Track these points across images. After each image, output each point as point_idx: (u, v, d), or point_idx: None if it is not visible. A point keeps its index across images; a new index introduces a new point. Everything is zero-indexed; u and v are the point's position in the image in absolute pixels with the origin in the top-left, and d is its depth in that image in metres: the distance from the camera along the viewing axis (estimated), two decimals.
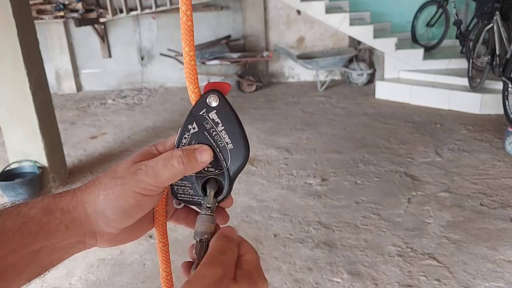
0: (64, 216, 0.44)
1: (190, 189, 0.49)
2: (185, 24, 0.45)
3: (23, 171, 3.40)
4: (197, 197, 0.49)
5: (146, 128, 4.83)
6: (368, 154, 3.80)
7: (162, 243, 0.51)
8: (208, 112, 0.47)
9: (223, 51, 5.87)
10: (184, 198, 0.49)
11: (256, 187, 3.34)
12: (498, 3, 4.32)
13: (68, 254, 0.46)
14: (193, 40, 0.46)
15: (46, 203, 0.44)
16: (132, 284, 2.40)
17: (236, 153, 0.47)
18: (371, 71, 5.80)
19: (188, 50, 0.46)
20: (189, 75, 0.47)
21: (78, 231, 0.45)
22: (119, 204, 0.44)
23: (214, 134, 0.47)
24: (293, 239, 2.70)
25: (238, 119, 0.48)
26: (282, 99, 5.59)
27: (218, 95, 0.47)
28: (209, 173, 0.48)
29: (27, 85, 3.20)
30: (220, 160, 0.48)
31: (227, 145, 0.47)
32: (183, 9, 0.45)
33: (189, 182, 0.49)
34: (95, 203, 0.44)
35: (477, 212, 2.86)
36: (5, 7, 3.04)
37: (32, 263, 0.42)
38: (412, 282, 2.29)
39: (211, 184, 0.48)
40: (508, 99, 4.09)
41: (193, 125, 0.48)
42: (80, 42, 6.41)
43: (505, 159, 3.56)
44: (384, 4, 6.05)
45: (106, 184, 0.45)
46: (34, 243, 0.42)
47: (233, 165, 0.48)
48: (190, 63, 0.46)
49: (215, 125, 0.47)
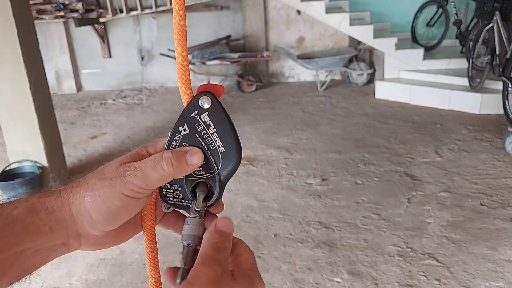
0: (49, 217, 0.42)
1: (179, 193, 0.47)
2: (177, 24, 0.44)
3: (23, 171, 3.40)
4: (187, 201, 0.47)
5: (146, 128, 4.83)
6: (368, 154, 3.80)
7: (151, 248, 0.49)
8: (200, 114, 0.46)
9: (223, 51, 5.87)
10: (173, 202, 0.48)
11: (256, 187, 3.34)
12: (498, 3, 4.32)
13: (52, 256, 0.44)
14: (185, 40, 0.45)
15: (30, 203, 0.42)
16: (132, 284, 2.40)
17: (227, 157, 0.46)
18: (371, 71, 5.80)
19: (180, 50, 0.45)
20: (181, 76, 0.46)
21: (62, 233, 0.43)
22: (106, 206, 0.43)
23: (206, 137, 0.46)
24: (293, 239, 2.70)
25: (231, 122, 0.46)
26: (282, 99, 5.60)
27: (211, 97, 0.46)
28: (199, 177, 0.47)
29: (27, 85, 3.20)
30: (211, 163, 0.46)
31: (218, 148, 0.46)
32: (176, 8, 0.44)
33: (178, 185, 0.47)
34: (81, 204, 0.43)
35: (477, 212, 2.86)
36: (5, 7, 3.04)
37: (14, 265, 0.41)
38: (412, 282, 2.29)
39: (201, 188, 0.46)
40: (508, 99, 4.09)
41: (184, 127, 0.47)
42: (80, 42, 6.41)
43: (505, 159, 3.56)
44: (384, 4, 6.05)
45: (92, 185, 0.43)
46: (17, 244, 0.40)
47: (224, 169, 0.46)
48: (183, 64, 0.45)
49: (206, 127, 0.46)
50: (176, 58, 0.45)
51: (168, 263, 2.52)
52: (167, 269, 0.45)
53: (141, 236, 0.51)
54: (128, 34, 6.37)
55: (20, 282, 0.46)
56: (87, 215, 0.43)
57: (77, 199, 0.43)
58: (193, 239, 0.44)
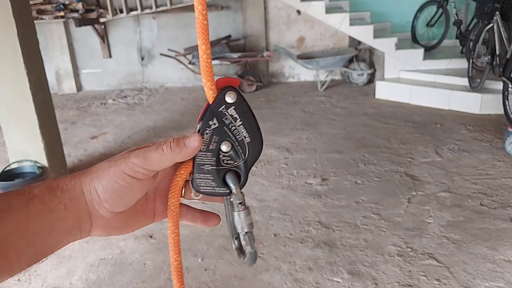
0: (64, 195, 0.46)
1: (212, 181, 0.51)
2: (201, 23, 0.46)
3: (23, 171, 3.40)
4: (219, 188, 0.51)
5: (146, 127, 4.84)
6: (368, 154, 3.80)
7: (175, 234, 0.53)
8: (227, 108, 0.50)
9: (223, 51, 5.87)
10: (207, 190, 0.51)
11: (256, 187, 3.34)
12: (498, 3, 4.32)
13: (65, 240, 0.47)
14: (208, 39, 0.47)
15: (48, 183, 0.47)
16: (133, 283, 2.40)
17: (253, 146, 0.51)
18: (371, 71, 5.80)
19: (205, 48, 0.47)
20: (206, 73, 0.48)
21: (75, 212, 0.46)
22: (110, 184, 0.47)
23: (233, 129, 0.50)
24: (293, 239, 2.70)
25: (253, 113, 0.51)
26: (283, 99, 5.60)
27: (235, 92, 0.50)
28: (228, 165, 0.51)
29: (27, 85, 3.20)
30: (239, 152, 0.50)
31: (245, 139, 0.50)
32: (199, 8, 0.46)
33: (211, 175, 0.51)
34: (90, 184, 0.47)
35: (477, 212, 2.86)
36: (5, 7, 3.04)
37: (30, 247, 0.44)
38: (412, 282, 2.29)
39: (232, 178, 0.51)
40: (508, 99, 4.09)
41: (214, 121, 0.50)
42: (81, 42, 6.41)
43: (505, 159, 3.56)
44: (384, 4, 6.05)
45: (101, 167, 0.48)
46: (35, 222, 0.44)
47: (250, 156, 0.51)
48: (207, 61, 0.48)
49: (233, 120, 0.50)
50: (200, 56, 0.48)
51: (168, 262, 2.53)
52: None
53: (141, 236, 0.52)
54: (128, 34, 6.37)
55: (20, 281, 0.47)
56: (95, 194, 0.47)
57: (87, 180, 0.48)
58: (249, 227, 0.50)
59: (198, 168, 0.50)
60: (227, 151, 0.50)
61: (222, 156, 0.50)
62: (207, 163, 0.50)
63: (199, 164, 0.50)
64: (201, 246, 2.66)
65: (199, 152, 0.49)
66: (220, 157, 0.50)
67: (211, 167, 0.50)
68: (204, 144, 0.49)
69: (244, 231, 0.49)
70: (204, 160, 0.50)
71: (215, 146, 0.50)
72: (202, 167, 0.50)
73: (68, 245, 0.69)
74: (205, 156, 0.50)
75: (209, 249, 2.64)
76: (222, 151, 0.50)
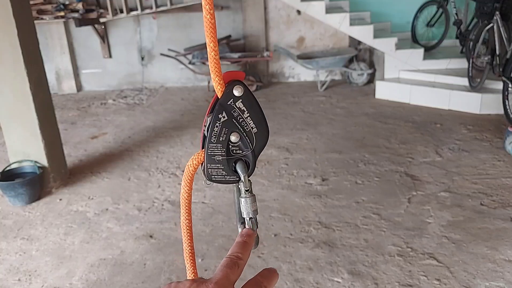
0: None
1: (222, 171, 0.54)
2: (209, 22, 0.49)
3: (23, 171, 3.40)
4: (229, 177, 0.54)
5: (146, 128, 4.84)
6: (368, 154, 3.80)
7: (188, 220, 0.56)
8: (235, 101, 0.52)
9: (223, 51, 5.87)
10: (218, 178, 0.54)
11: (256, 187, 3.34)
12: (498, 3, 4.32)
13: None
14: (216, 36, 0.50)
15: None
16: (133, 284, 2.40)
17: (259, 135, 0.54)
18: (371, 71, 5.80)
19: (213, 46, 0.50)
20: (214, 69, 0.51)
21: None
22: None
23: (241, 121, 0.53)
24: (293, 239, 2.70)
25: (259, 105, 0.53)
26: (282, 99, 5.60)
27: (242, 85, 0.52)
28: (237, 155, 0.54)
29: (27, 85, 3.20)
30: (247, 142, 0.53)
31: (252, 130, 0.53)
32: (206, 8, 0.49)
33: (221, 164, 0.54)
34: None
35: (477, 212, 2.86)
36: (5, 7, 3.04)
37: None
38: (412, 282, 2.29)
39: (241, 166, 0.53)
40: (508, 99, 4.09)
41: (223, 114, 0.52)
42: (81, 42, 6.41)
43: (505, 159, 3.56)
44: (384, 4, 6.05)
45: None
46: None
47: (258, 145, 0.54)
48: (215, 58, 0.50)
49: (241, 112, 0.52)
50: (209, 53, 0.50)
51: (168, 262, 2.53)
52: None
53: (141, 236, 0.52)
54: (129, 34, 6.37)
55: (20, 281, 0.46)
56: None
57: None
58: (254, 213, 0.53)
59: (209, 158, 0.53)
60: (236, 141, 0.53)
61: (231, 147, 0.53)
62: (218, 153, 0.53)
63: (210, 155, 0.53)
64: (201, 246, 2.66)
65: (210, 144, 0.52)
66: (230, 148, 0.53)
67: (221, 157, 0.53)
68: (214, 136, 0.52)
69: (249, 217, 0.53)
70: (215, 151, 0.53)
71: (225, 138, 0.53)
72: (213, 157, 0.53)
73: (68, 245, 0.69)
74: (215, 147, 0.53)
75: (209, 249, 2.64)
76: (231, 141, 0.53)
